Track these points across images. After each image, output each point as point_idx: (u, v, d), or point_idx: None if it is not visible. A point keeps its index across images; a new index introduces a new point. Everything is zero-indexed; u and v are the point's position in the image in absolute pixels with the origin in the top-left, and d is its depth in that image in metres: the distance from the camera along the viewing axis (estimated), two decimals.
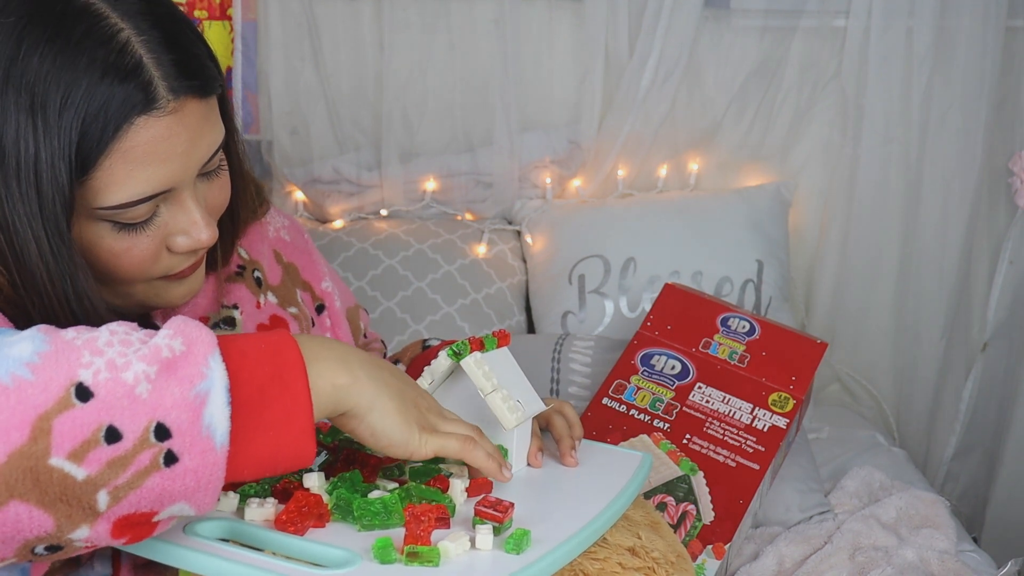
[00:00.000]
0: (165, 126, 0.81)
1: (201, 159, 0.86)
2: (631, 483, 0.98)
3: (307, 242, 1.19)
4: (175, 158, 0.83)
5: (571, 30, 2.00)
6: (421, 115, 2.01)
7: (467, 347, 0.94)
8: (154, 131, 0.81)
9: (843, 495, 1.58)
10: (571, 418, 1.06)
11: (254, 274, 1.08)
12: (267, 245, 1.12)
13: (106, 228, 0.84)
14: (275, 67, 1.95)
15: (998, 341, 2.03)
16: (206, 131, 0.86)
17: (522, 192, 2.05)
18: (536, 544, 0.80)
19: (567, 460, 1.01)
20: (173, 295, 0.93)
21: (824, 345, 1.51)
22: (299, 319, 1.10)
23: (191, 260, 0.91)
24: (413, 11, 1.95)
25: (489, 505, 0.82)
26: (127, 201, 0.82)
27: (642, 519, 0.98)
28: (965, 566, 1.38)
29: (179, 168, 0.84)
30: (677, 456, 1.37)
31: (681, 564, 0.95)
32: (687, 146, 2.05)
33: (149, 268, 0.88)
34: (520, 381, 1.00)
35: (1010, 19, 1.90)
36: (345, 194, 2.01)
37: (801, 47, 1.98)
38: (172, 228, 0.87)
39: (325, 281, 1.18)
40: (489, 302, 1.90)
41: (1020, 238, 1.97)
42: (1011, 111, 1.96)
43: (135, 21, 0.81)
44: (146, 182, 0.82)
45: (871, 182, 1.98)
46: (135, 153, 0.81)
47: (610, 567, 0.88)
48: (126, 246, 0.85)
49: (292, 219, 1.20)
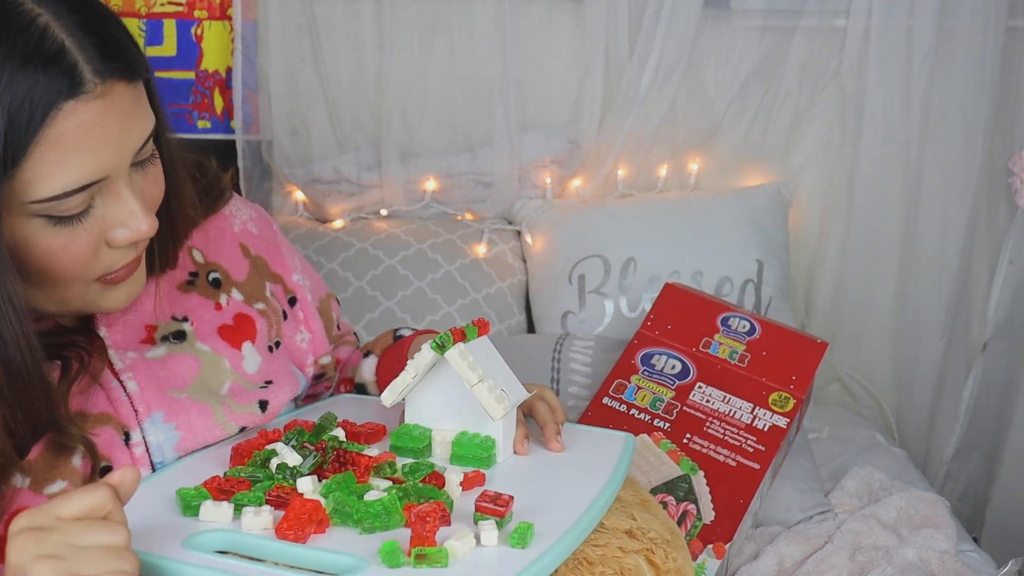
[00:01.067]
0: (95, 111, 0.80)
1: (134, 145, 0.84)
2: (619, 464, 0.97)
3: (276, 233, 1.17)
4: (108, 144, 0.81)
5: (571, 30, 2.00)
6: (421, 115, 2.01)
7: (450, 339, 0.93)
8: (84, 116, 0.79)
9: (843, 495, 1.58)
10: (553, 403, 1.05)
11: (209, 277, 1.06)
12: (231, 240, 1.11)
13: (41, 224, 0.82)
14: (275, 67, 1.95)
15: (998, 341, 2.03)
16: (137, 117, 0.84)
17: (522, 192, 2.05)
18: (540, 536, 0.80)
19: (553, 446, 1.00)
20: (112, 300, 0.90)
21: (824, 345, 1.51)
22: (267, 315, 1.09)
23: (131, 255, 0.88)
24: (413, 11, 1.95)
25: (489, 499, 0.82)
26: (61, 192, 0.80)
27: (633, 499, 0.98)
28: (965, 566, 1.38)
29: (112, 155, 0.82)
30: (677, 456, 1.37)
31: (675, 541, 0.95)
32: (687, 146, 2.05)
33: (88, 265, 0.85)
34: (502, 369, 1.00)
35: (1010, 19, 1.90)
36: (345, 194, 2.01)
37: (801, 47, 1.98)
38: (110, 221, 0.85)
39: (296, 274, 1.16)
40: (489, 302, 1.90)
41: (1020, 238, 1.97)
42: (1011, 111, 1.95)
43: (52, 6, 0.80)
44: (79, 170, 0.80)
45: (871, 182, 1.98)
46: (66, 140, 0.79)
47: (611, 552, 0.88)
48: (63, 243, 0.83)
49: (259, 210, 1.17)
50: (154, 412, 0.94)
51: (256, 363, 1.05)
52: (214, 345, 1.02)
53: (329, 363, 1.20)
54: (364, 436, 0.99)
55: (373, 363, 1.20)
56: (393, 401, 0.96)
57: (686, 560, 0.95)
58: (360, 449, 0.93)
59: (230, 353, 1.03)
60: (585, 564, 0.86)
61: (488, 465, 0.94)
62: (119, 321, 0.97)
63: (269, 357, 1.07)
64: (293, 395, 1.07)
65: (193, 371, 0.99)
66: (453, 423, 0.97)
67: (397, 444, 0.97)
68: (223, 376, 1.01)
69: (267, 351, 1.07)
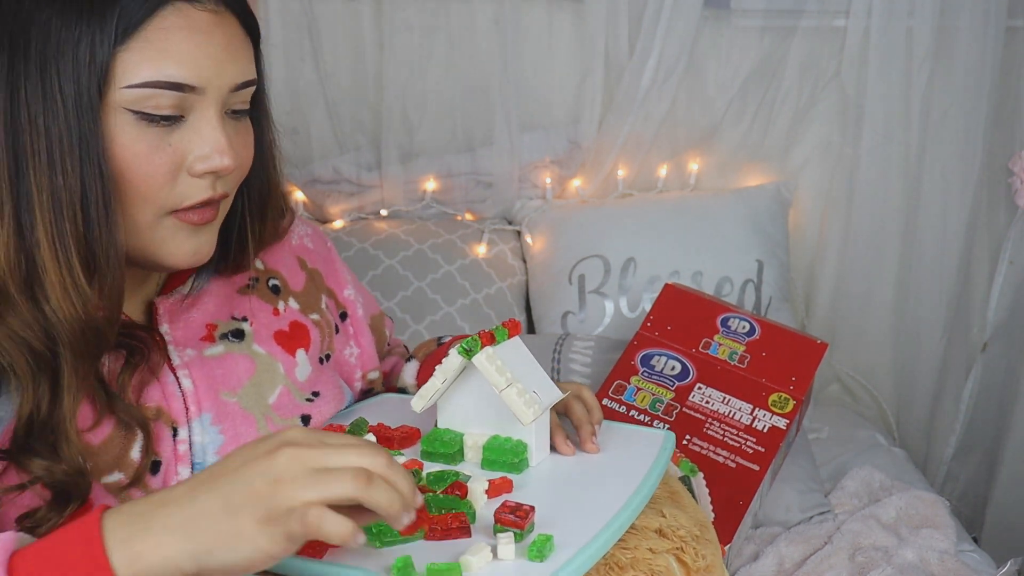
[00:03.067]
0: (204, 21, 0.85)
1: (236, 77, 0.87)
2: (656, 465, 0.95)
3: (330, 250, 1.19)
4: (210, 58, 0.85)
5: (571, 30, 2.00)
6: (421, 115, 2.01)
7: (478, 343, 0.92)
8: (193, 21, 0.84)
9: (843, 495, 1.58)
10: (590, 402, 1.04)
11: (268, 283, 1.08)
12: (289, 252, 1.12)
13: (130, 120, 0.84)
14: (275, 67, 1.95)
15: (998, 341, 2.03)
16: (243, 55, 0.88)
17: (522, 192, 2.05)
18: (560, 548, 0.78)
19: (587, 447, 0.99)
20: (182, 246, 0.90)
21: (824, 345, 1.51)
22: (320, 326, 1.10)
23: (207, 193, 0.89)
24: (413, 11, 1.95)
25: (509, 510, 0.81)
26: (157, 79, 0.83)
27: (662, 493, 0.96)
28: (965, 566, 1.38)
29: (212, 71, 0.85)
30: (677, 457, 1.37)
31: (705, 535, 0.93)
32: (687, 146, 2.05)
33: (164, 184, 0.86)
34: (534, 370, 0.98)
35: (1010, 19, 1.90)
36: (345, 194, 2.01)
37: (801, 47, 1.98)
38: (195, 143, 0.86)
39: (348, 289, 1.17)
40: (489, 302, 1.90)
41: (1020, 238, 1.97)
42: (1011, 111, 1.95)
43: None
44: (177, 67, 0.83)
45: (871, 182, 1.98)
46: (172, 36, 0.83)
47: (641, 554, 0.86)
48: (145, 148, 0.84)
49: (315, 227, 1.19)
50: (204, 413, 0.95)
51: (307, 372, 1.05)
52: (270, 349, 1.03)
53: (377, 379, 1.20)
54: (397, 440, 0.99)
55: (415, 368, 1.21)
56: (423, 407, 0.95)
57: (715, 555, 0.93)
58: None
59: (284, 358, 1.03)
60: (616, 569, 0.84)
61: (520, 470, 0.93)
62: (181, 319, 0.98)
63: (319, 368, 1.08)
64: (338, 410, 1.08)
65: (248, 372, 0.99)
66: (485, 427, 0.96)
67: (428, 449, 0.96)
68: (276, 380, 1.01)
69: (318, 362, 1.08)
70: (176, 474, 0.92)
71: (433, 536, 0.80)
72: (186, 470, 0.93)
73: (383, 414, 1.05)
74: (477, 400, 0.96)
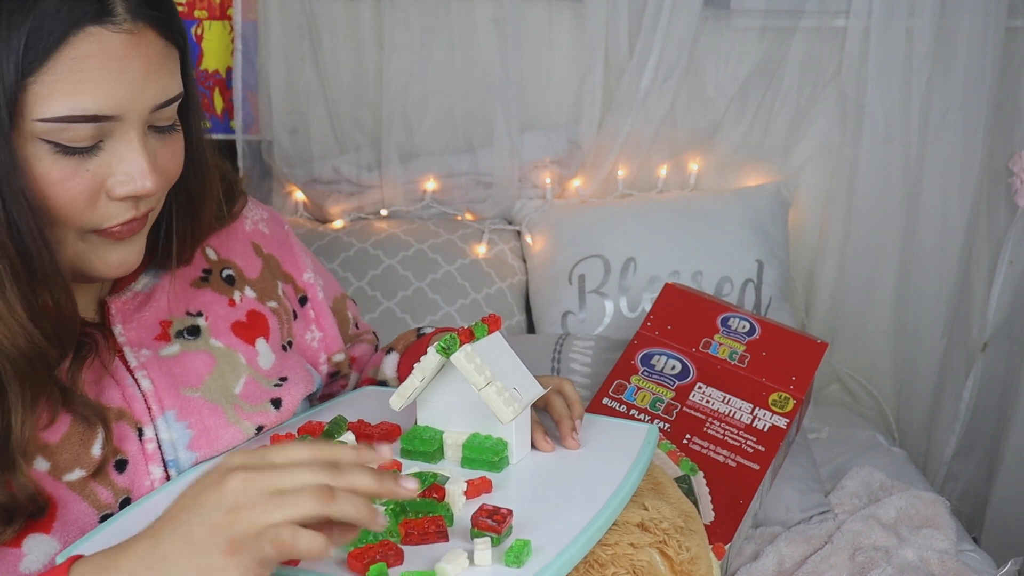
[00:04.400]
0: (119, 44, 0.80)
1: (155, 98, 0.83)
2: (638, 460, 0.94)
3: (287, 234, 1.17)
4: (126, 83, 0.80)
5: (571, 30, 2.00)
6: (421, 115, 2.01)
7: (456, 341, 0.91)
8: (107, 46, 0.79)
9: (843, 495, 1.58)
10: (571, 397, 1.03)
11: (223, 274, 1.06)
12: (244, 239, 1.10)
13: (45, 150, 0.80)
14: (275, 67, 1.95)
15: (998, 341, 2.03)
16: (163, 72, 0.84)
17: (522, 192, 2.05)
18: (538, 553, 0.77)
19: (568, 443, 0.98)
20: (106, 259, 0.88)
21: (824, 345, 1.51)
22: (279, 313, 1.09)
23: (129, 214, 0.86)
24: (413, 11, 1.95)
25: (486, 514, 0.79)
26: (71, 114, 0.79)
27: (645, 485, 0.95)
28: (965, 566, 1.38)
29: (129, 96, 0.81)
30: (677, 456, 1.37)
31: (690, 525, 0.92)
32: (687, 146, 2.05)
33: (83, 210, 0.83)
34: (515, 366, 0.97)
35: (1010, 19, 1.90)
36: (345, 194, 2.01)
37: (801, 47, 1.98)
38: (114, 168, 0.83)
39: (307, 272, 1.16)
40: (489, 302, 1.90)
41: (1020, 238, 1.97)
42: (1011, 111, 1.96)
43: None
44: (93, 98, 0.79)
45: (871, 182, 1.98)
46: (85, 64, 0.78)
47: (622, 550, 0.85)
48: (62, 176, 0.81)
49: (271, 211, 1.17)
50: (167, 411, 0.94)
51: (270, 360, 1.05)
52: (228, 341, 1.02)
53: (343, 361, 1.19)
54: (376, 437, 0.98)
55: (395, 360, 1.20)
56: (402, 405, 0.95)
57: (700, 545, 0.92)
58: None
59: (245, 349, 1.03)
60: (596, 566, 0.83)
61: (500, 468, 0.92)
62: (134, 318, 0.97)
63: (283, 355, 1.07)
64: (308, 392, 1.07)
65: (208, 367, 0.99)
66: (465, 424, 0.96)
67: (407, 447, 0.95)
68: (239, 371, 1.01)
69: (281, 349, 1.08)
70: (148, 473, 0.92)
71: (410, 540, 0.79)
72: (157, 468, 0.92)
73: (363, 411, 1.04)
74: (457, 398, 0.95)
